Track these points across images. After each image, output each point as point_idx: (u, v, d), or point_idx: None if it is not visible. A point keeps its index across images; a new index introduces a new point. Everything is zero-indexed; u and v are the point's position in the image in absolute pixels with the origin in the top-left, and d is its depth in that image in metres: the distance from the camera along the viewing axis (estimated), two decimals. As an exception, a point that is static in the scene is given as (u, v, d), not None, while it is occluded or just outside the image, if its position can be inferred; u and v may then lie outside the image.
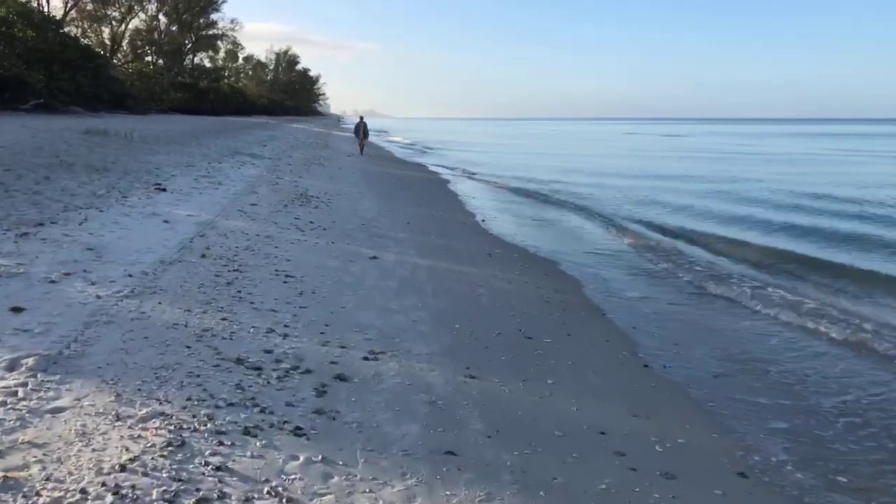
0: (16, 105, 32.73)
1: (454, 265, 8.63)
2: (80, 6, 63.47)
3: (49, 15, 48.68)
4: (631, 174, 27.80)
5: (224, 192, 12.72)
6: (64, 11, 60.87)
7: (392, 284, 7.21)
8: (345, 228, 10.49)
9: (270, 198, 12.80)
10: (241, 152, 21.98)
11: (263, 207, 11.45)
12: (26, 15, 42.45)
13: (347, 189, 16.33)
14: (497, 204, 17.27)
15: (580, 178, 25.80)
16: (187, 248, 7.65)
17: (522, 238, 11.75)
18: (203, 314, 5.39)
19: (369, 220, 11.74)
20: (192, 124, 36.04)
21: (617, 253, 11.19)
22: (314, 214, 11.49)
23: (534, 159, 37.83)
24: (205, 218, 9.68)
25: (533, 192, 20.62)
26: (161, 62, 76.16)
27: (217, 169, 16.20)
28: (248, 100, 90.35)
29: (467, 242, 10.60)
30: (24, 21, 41.45)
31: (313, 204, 12.79)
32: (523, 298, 7.27)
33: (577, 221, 15.02)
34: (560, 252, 10.70)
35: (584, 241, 12.15)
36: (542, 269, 9.17)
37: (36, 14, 44.04)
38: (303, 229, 9.90)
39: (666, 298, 8.10)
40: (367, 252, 8.80)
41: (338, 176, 19.33)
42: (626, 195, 19.86)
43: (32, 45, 40.55)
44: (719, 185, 23.03)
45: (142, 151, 17.13)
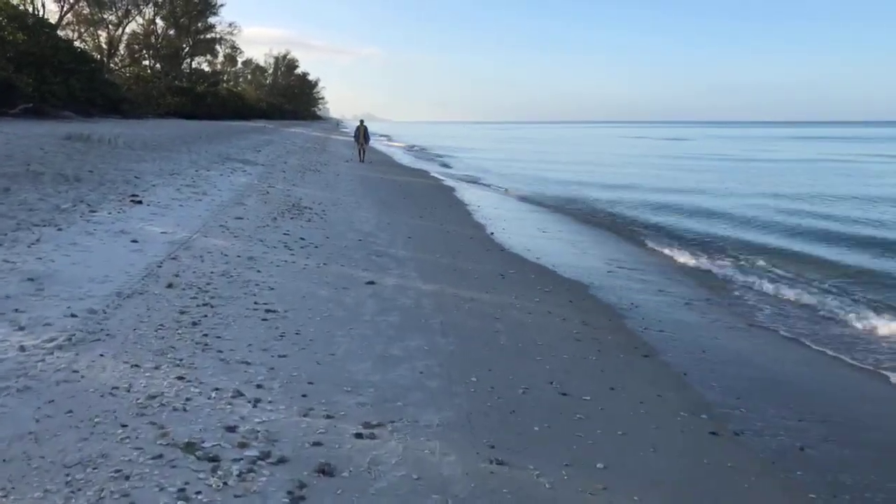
0: (3, 109, 31.68)
1: (464, 291, 7.48)
2: (76, 10, 62.63)
3: (43, 18, 47.68)
4: (652, 180, 26.67)
5: (208, 203, 11.59)
6: (59, 15, 60.03)
7: (393, 319, 6.06)
8: (339, 246, 9.35)
9: (259, 210, 11.66)
10: (232, 158, 20.87)
11: (250, 221, 10.32)
12: (18, 18, 41.49)
13: (344, 198, 15.20)
14: (507, 214, 16.14)
15: (596, 185, 24.69)
16: (153, 276, 6.51)
17: (538, 254, 10.61)
18: (154, 371, 4.25)
19: (367, 234, 10.61)
20: (186, 129, 34.93)
21: (647, 273, 10.04)
22: (306, 229, 10.36)
23: (543, 165, 36.67)
24: (180, 236, 8.55)
25: (547, 200, 19.49)
26: (159, 66, 75.29)
27: (204, 177, 15.08)
28: (246, 104, 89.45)
29: (477, 261, 9.46)
30: (15, 24, 40.47)
31: (306, 216, 11.65)
32: (549, 335, 6.13)
33: (597, 235, 13.88)
34: (582, 271, 9.55)
35: (607, 258, 11.00)
36: (564, 293, 8.03)
37: (28, 17, 43.02)
38: (292, 248, 8.75)
39: (712, 332, 6.95)
40: (364, 276, 7.66)
41: (334, 183, 18.20)
42: (650, 204, 18.72)
43: (24, 49, 39.55)
44: (745, 191, 21.89)
45: (124, 158, 16.01)
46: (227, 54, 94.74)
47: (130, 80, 65.53)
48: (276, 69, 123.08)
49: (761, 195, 21.07)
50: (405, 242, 10.27)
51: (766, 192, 21.75)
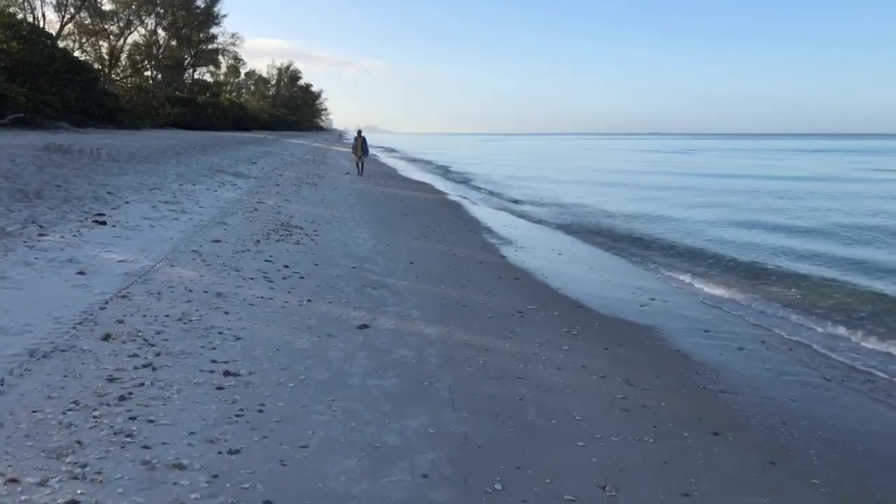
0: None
1: (477, 336, 6.15)
2: (77, 20, 61.97)
3: (39, 27, 46.81)
4: (669, 196, 25.39)
5: (184, 223, 10.30)
6: (60, 25, 59.35)
7: (389, 383, 4.73)
8: (329, 275, 8.03)
9: (241, 230, 10.37)
10: (224, 171, 19.63)
11: (228, 245, 9.01)
12: (13, 27, 40.58)
13: (340, 215, 13.91)
14: (516, 232, 14.82)
15: (609, 200, 23.38)
16: (89, 323, 5.20)
17: (557, 282, 9.28)
18: (35, 490, 2.92)
19: (362, 259, 9.30)
20: (181, 140, 33.78)
21: (683, 306, 8.70)
22: (293, 254, 9.05)
23: (552, 178, 35.42)
24: (141, 265, 7.25)
25: (558, 217, 18.17)
26: (160, 77, 74.58)
27: (187, 192, 13.81)
28: (248, 115, 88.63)
29: (490, 293, 8.13)
30: (10, 33, 39.56)
31: (295, 238, 10.35)
32: (588, 403, 4.79)
33: (616, 258, 12.54)
34: (611, 304, 8.22)
35: (634, 286, 9.66)
36: (596, 336, 6.69)
37: (24, 26, 42.12)
38: (272, 279, 7.44)
39: (786, 391, 5.59)
40: (355, 316, 6.34)
41: (331, 199, 16.92)
42: (670, 223, 17.38)
43: (19, 58, 38.61)
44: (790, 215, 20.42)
45: (103, 171, 14.77)
46: (229, 65, 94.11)
47: (132, 90, 64.81)
48: (279, 80, 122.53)
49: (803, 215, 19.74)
50: (406, 269, 8.95)
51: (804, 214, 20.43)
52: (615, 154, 72.27)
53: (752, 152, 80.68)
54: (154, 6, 72.55)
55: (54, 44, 45.56)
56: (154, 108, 62.74)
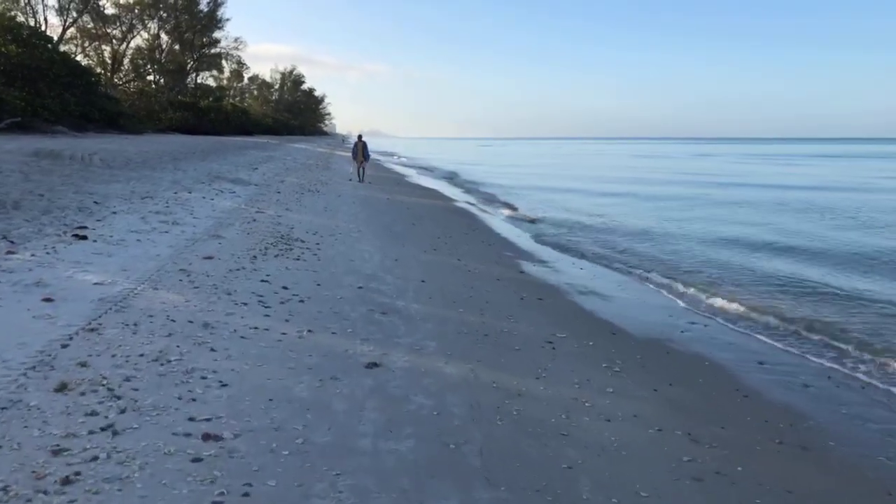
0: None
1: (505, 375, 5.26)
2: (79, 25, 61.49)
3: (39, 30, 46.22)
4: (686, 206, 24.43)
5: (175, 236, 9.44)
6: (62, 29, 58.85)
7: (405, 447, 3.84)
8: (333, 297, 7.15)
9: (237, 244, 9.50)
10: (223, 177, 18.79)
11: (222, 262, 8.15)
12: (12, 30, 39.95)
13: (344, 225, 13.04)
14: (532, 244, 13.93)
15: (624, 206, 22.47)
16: (45, 365, 4.33)
17: (586, 301, 8.39)
18: None
19: (369, 277, 8.42)
20: (181, 144, 33.03)
21: (726, 331, 7.79)
22: (292, 272, 8.18)
23: (562, 184, 34.50)
24: (120, 288, 6.38)
25: (573, 227, 17.27)
26: (163, 81, 74.04)
27: (181, 201, 12.96)
28: (251, 119, 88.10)
29: (514, 317, 7.24)
30: (8, 36, 38.92)
31: (295, 252, 9.48)
32: (650, 471, 3.89)
33: (642, 274, 11.63)
34: (649, 329, 7.32)
35: (667, 306, 8.75)
36: (641, 372, 5.79)
37: (24, 29, 41.49)
38: (268, 304, 6.56)
39: (886, 449, 4.69)
40: (363, 351, 5.46)
41: (334, 207, 16.05)
42: (694, 235, 16.43)
43: (18, 62, 37.95)
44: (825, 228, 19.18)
45: (93, 179, 13.94)
46: (233, 70, 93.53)
47: (134, 94, 64.26)
48: (283, 85, 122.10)
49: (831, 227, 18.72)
50: (418, 289, 8.07)
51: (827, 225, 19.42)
52: (628, 160, 70.83)
53: (770, 158, 77.89)
54: (157, 10, 72.16)
55: (54, 47, 44.99)
56: (156, 113, 62.17)
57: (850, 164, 62.83)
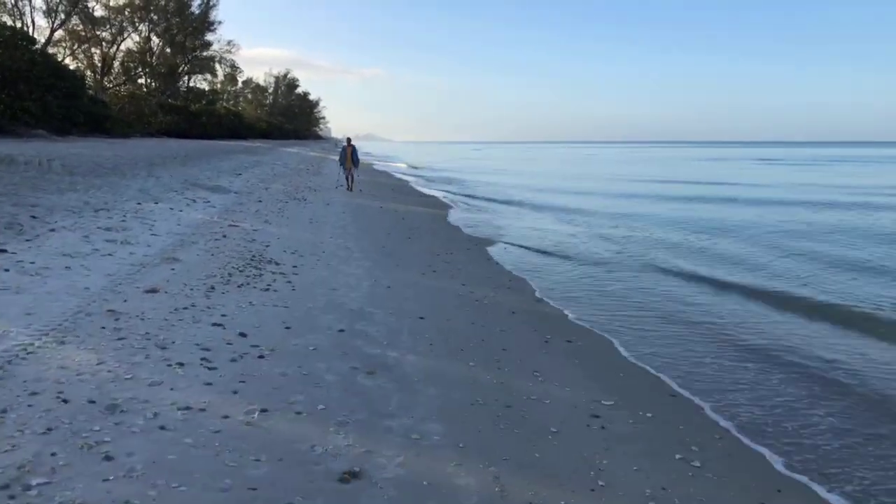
0: (-42, 128, 28.21)
1: (547, 488, 3.58)
2: (68, 27, 59.83)
3: (20, 30, 44.44)
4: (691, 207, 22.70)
5: (119, 260, 7.73)
6: (50, 31, 57.16)
7: None
8: (303, 349, 5.44)
9: (195, 270, 7.79)
10: (200, 185, 17.08)
11: (167, 298, 6.44)
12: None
13: (330, 240, 11.35)
14: (544, 261, 12.22)
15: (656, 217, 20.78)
16: None
17: (630, 345, 6.70)
18: None
19: (354, 314, 6.72)
20: (166, 148, 31.31)
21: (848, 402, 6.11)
22: (257, 308, 6.47)
23: (569, 188, 32.81)
24: (9, 344, 4.67)
25: (605, 241, 15.57)
26: (154, 84, 72.32)
27: (143, 214, 11.25)
28: (244, 123, 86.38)
29: (541, 372, 5.55)
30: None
31: (265, 279, 7.78)
32: None
33: (696, 302, 9.94)
34: (717, 387, 5.64)
35: (750, 352, 7.06)
36: (729, 465, 4.12)
37: (4, 30, 39.74)
38: (215, 363, 4.85)
39: None
40: (337, 448, 3.76)
41: (321, 218, 14.35)
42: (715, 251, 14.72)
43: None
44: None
45: (46, 187, 12.22)
46: (226, 73, 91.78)
47: (125, 98, 62.56)
48: (277, 88, 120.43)
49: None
50: (415, 330, 6.37)
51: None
52: (632, 166, 69.00)
53: (791, 162, 72.77)
54: (148, 12, 70.48)
55: (36, 49, 43.24)
56: (146, 117, 60.39)
57: (885, 167, 58.78)
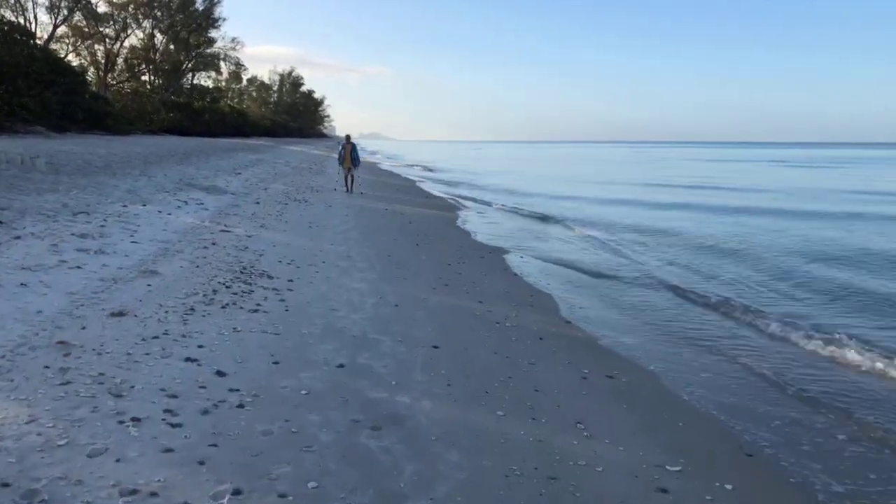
0: (-49, 124, 27.35)
1: None
2: (71, 23, 59.13)
3: (18, 24, 43.58)
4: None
5: (87, 274, 6.73)
6: (53, 26, 56.45)
7: None
8: (294, 393, 4.43)
9: (175, 286, 6.78)
10: (194, 185, 16.10)
11: (135, 324, 5.43)
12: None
13: (330, 248, 10.33)
14: (565, 272, 11.16)
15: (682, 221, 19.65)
16: None
17: (687, 386, 5.67)
18: None
19: (357, 343, 5.70)
20: (165, 146, 30.38)
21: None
22: (243, 336, 5.46)
23: (585, 190, 31.67)
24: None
25: (630, 249, 14.48)
26: (158, 81, 71.59)
27: (126, 217, 10.26)
28: (248, 121, 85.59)
29: (587, 422, 4.53)
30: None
31: (255, 296, 6.77)
32: None
33: (706, 311, 8.86)
34: (804, 448, 4.59)
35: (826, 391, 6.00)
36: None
37: (2, 24, 38.90)
38: (180, 417, 3.83)
39: None
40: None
41: (322, 221, 13.33)
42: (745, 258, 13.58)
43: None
44: None
45: (22, 188, 11.25)
46: (231, 71, 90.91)
47: (128, 95, 61.80)
48: (281, 86, 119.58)
49: None
50: (430, 364, 5.35)
51: None
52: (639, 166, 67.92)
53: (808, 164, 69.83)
54: (151, 9, 69.73)
55: (35, 44, 42.38)
56: (149, 114, 59.58)
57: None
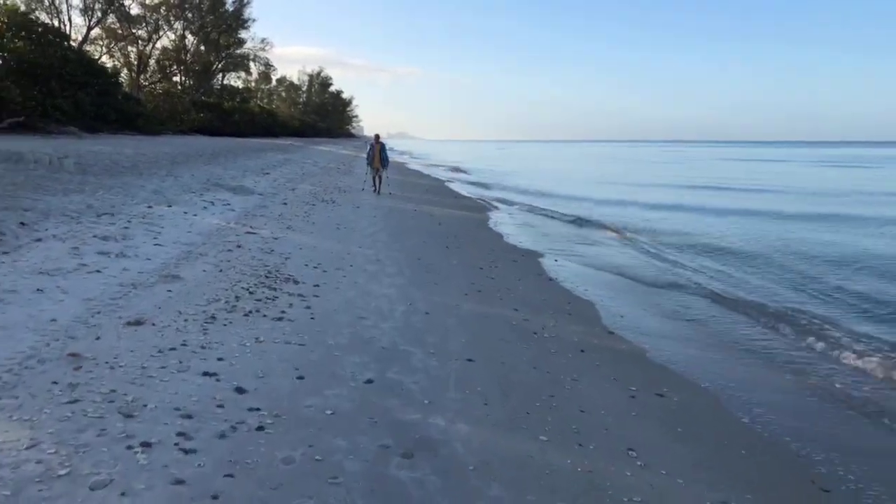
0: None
1: None
2: (104, 25, 60.32)
3: (52, 26, 44.35)
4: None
5: (107, 279, 6.47)
6: (87, 29, 57.59)
7: None
8: (319, 413, 4.05)
9: (197, 291, 6.49)
10: (222, 185, 15.94)
11: (153, 333, 5.12)
12: (25, 26, 38.11)
13: (359, 251, 9.99)
14: (603, 276, 10.66)
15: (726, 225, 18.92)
16: None
17: (745, 398, 5.17)
18: None
19: (387, 355, 5.32)
20: (193, 146, 30.50)
21: None
22: (265, 347, 5.12)
23: (621, 188, 30.89)
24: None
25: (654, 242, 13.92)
26: (189, 82, 72.64)
27: (151, 219, 10.06)
28: (278, 121, 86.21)
29: (638, 449, 4.07)
30: (21, 32, 37.07)
31: (280, 303, 6.44)
32: None
33: (769, 331, 8.30)
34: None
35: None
36: None
37: (36, 26, 39.61)
38: (194, 441, 3.49)
39: None
40: None
41: (350, 223, 13.02)
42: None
43: (29, 59, 36.06)
44: None
45: (49, 188, 11.14)
46: (261, 72, 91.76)
47: (160, 95, 62.76)
48: (310, 87, 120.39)
49: None
50: (464, 380, 4.94)
51: None
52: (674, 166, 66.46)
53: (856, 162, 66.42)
54: (182, 10, 70.77)
55: (69, 45, 43.10)
56: (179, 114, 60.37)
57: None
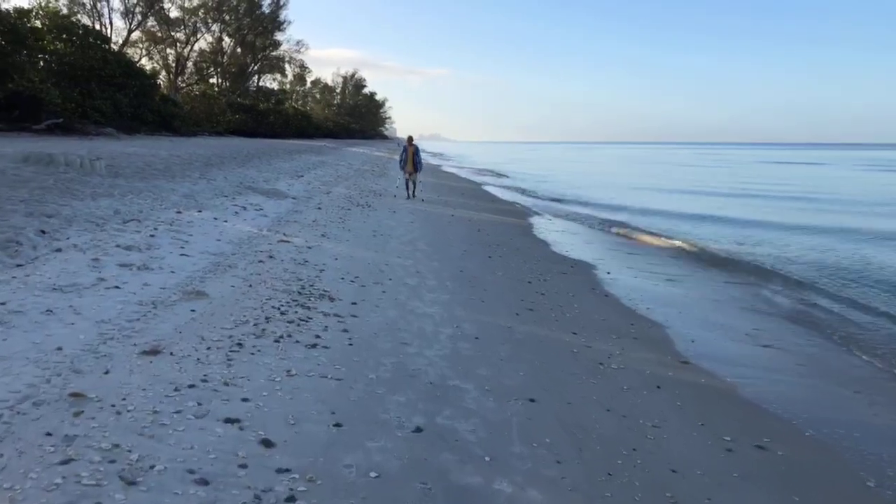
0: (27, 125, 28.03)
1: None
2: (144, 28, 61.30)
3: (93, 29, 44.93)
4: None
5: (126, 296, 5.87)
6: (127, 31, 58.53)
7: None
8: (362, 474, 3.33)
9: (223, 312, 5.84)
10: (255, 188, 15.44)
11: (170, 365, 4.47)
12: (66, 28, 38.60)
13: (397, 262, 9.29)
14: (663, 288, 9.76)
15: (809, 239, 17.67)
16: None
17: (866, 456, 4.30)
18: None
19: (434, 393, 4.58)
20: (228, 147, 30.34)
21: None
22: (298, 381, 4.42)
23: (679, 196, 29.65)
24: None
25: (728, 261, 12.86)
26: (225, 84, 73.47)
27: (179, 226, 9.52)
28: (312, 123, 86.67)
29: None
30: (60, 34, 37.56)
31: (314, 325, 5.76)
32: None
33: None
34: None
35: None
36: None
37: (77, 28, 40.12)
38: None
39: None
40: None
41: (386, 230, 12.34)
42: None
43: (70, 61, 36.49)
44: None
45: (77, 192, 10.72)
46: (296, 74, 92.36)
47: (197, 97, 63.54)
48: (344, 89, 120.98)
49: None
50: (527, 426, 4.18)
51: None
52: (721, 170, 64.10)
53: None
54: (220, 13, 71.58)
55: (110, 48, 43.59)
56: (215, 116, 60.93)
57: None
